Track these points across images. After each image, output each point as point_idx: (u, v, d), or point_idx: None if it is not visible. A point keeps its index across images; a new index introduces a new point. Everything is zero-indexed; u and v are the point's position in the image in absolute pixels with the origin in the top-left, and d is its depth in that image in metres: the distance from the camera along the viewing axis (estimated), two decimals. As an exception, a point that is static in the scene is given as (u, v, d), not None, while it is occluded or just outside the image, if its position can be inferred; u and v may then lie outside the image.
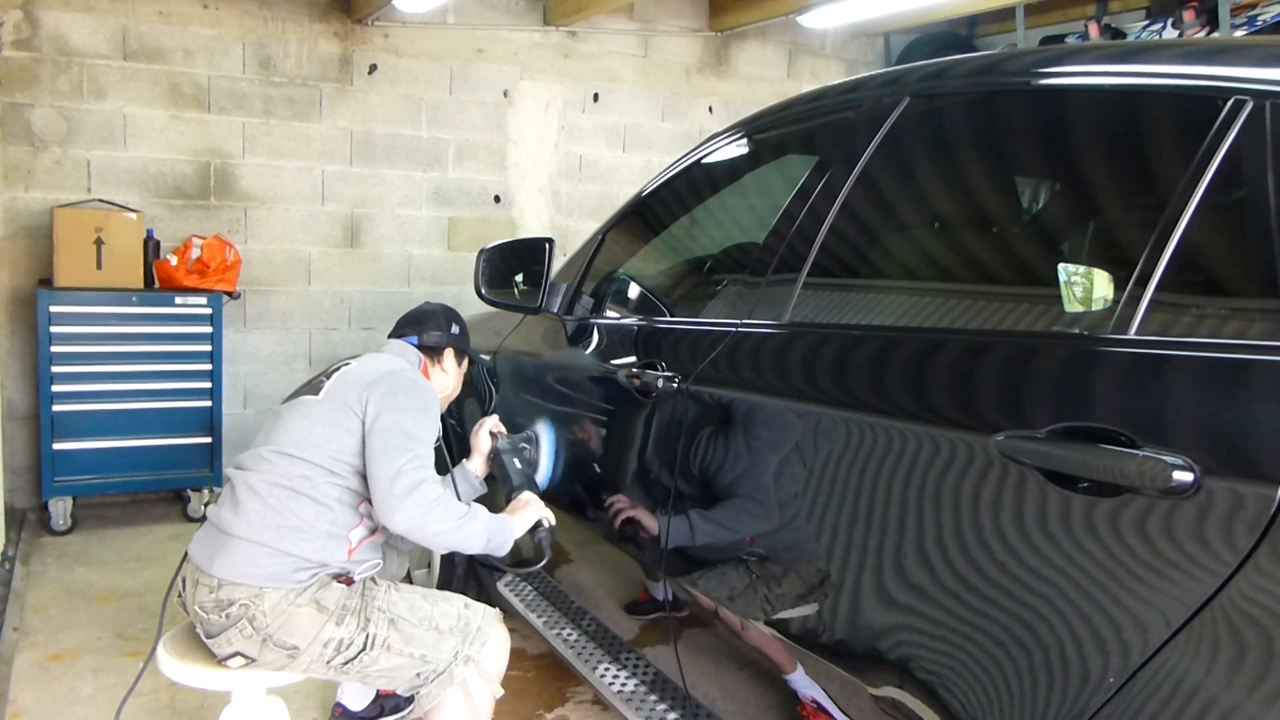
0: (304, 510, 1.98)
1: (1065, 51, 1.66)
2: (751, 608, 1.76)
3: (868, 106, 1.87)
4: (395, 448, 1.98)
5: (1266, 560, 0.99)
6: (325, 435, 2.03)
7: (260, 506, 1.98)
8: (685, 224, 2.70)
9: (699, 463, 1.91)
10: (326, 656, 1.99)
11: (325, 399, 2.08)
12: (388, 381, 2.10)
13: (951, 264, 1.86)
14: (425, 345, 2.37)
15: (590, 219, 5.47)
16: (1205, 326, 1.22)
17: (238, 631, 1.96)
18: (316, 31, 4.80)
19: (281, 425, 2.09)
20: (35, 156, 4.33)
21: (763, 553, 1.75)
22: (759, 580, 1.75)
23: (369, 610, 2.01)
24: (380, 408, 2.03)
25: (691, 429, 1.94)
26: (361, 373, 2.13)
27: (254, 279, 4.80)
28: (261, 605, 1.94)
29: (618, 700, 2.15)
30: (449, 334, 2.42)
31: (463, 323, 2.49)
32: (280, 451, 2.03)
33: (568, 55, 5.45)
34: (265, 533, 1.96)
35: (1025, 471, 1.23)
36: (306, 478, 2.00)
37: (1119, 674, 1.10)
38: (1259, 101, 1.19)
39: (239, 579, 1.95)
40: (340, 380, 2.12)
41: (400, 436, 2.00)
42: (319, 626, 1.96)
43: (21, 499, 4.44)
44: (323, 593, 1.99)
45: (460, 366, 2.48)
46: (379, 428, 2.00)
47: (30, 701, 2.75)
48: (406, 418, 2.03)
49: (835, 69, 6.25)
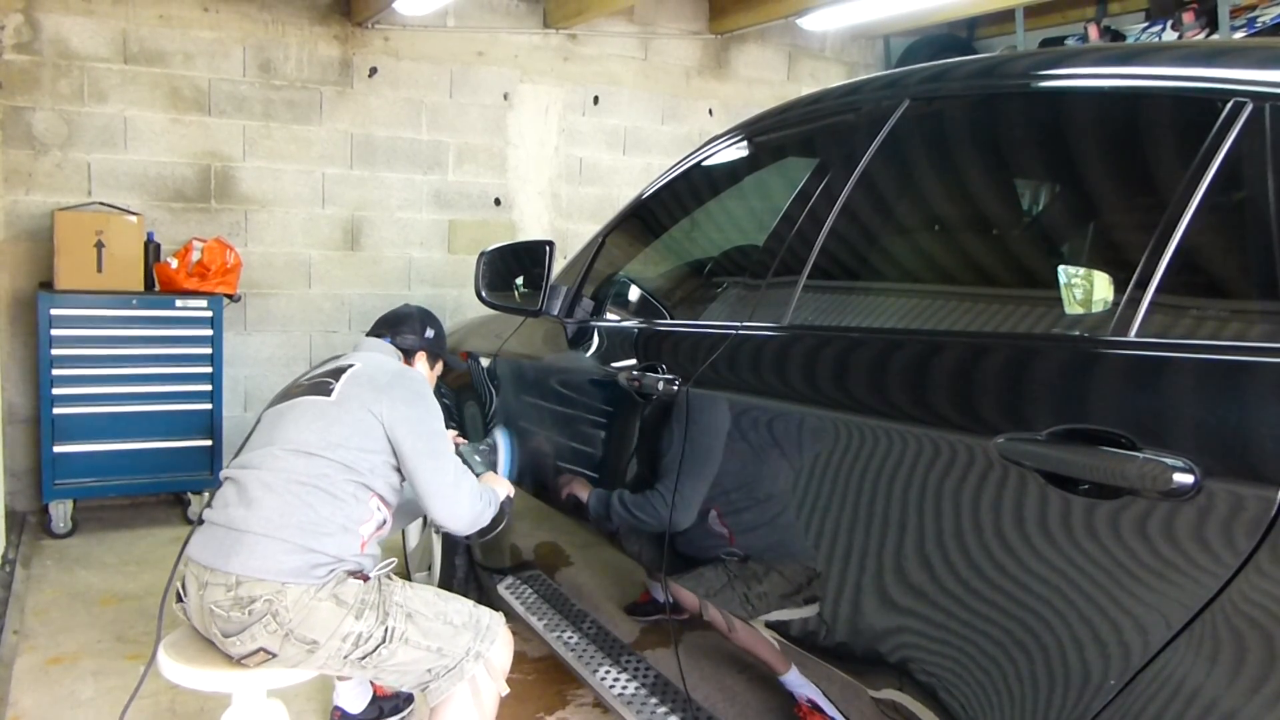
0: (322, 506, 2.03)
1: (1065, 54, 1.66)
2: (752, 610, 1.76)
3: (867, 109, 1.87)
4: (436, 451, 2.16)
5: (1267, 562, 0.99)
6: (346, 435, 2.09)
7: (278, 503, 2.01)
8: (685, 227, 2.70)
9: (699, 465, 1.91)
10: (345, 651, 2.00)
11: (341, 400, 2.13)
12: (401, 385, 2.19)
13: (952, 266, 1.86)
14: (399, 347, 2.45)
15: (590, 222, 5.47)
16: (1205, 328, 1.22)
17: (261, 627, 1.97)
18: (317, 35, 4.80)
19: (291, 424, 2.12)
20: (36, 160, 4.33)
21: (764, 555, 1.74)
22: (760, 582, 1.75)
23: (388, 604, 2.05)
24: (404, 413, 2.14)
25: (692, 431, 1.94)
26: (371, 375, 2.19)
27: (254, 282, 4.80)
28: (284, 600, 1.96)
29: (618, 703, 2.15)
30: (422, 337, 2.52)
31: (439, 326, 2.59)
32: (297, 450, 2.07)
33: (568, 58, 5.45)
34: (285, 529, 1.99)
35: (1025, 474, 1.23)
36: (326, 475, 2.05)
37: (1119, 676, 1.10)
38: (1259, 104, 1.19)
39: (261, 574, 1.96)
40: (352, 382, 2.17)
41: (435, 439, 2.17)
42: (339, 620, 1.98)
43: (22, 502, 4.44)
44: (340, 588, 2.02)
45: (433, 369, 2.57)
46: (417, 434, 2.14)
47: (30, 705, 2.75)
48: (431, 418, 2.19)
49: (835, 71, 6.26)
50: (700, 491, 1.91)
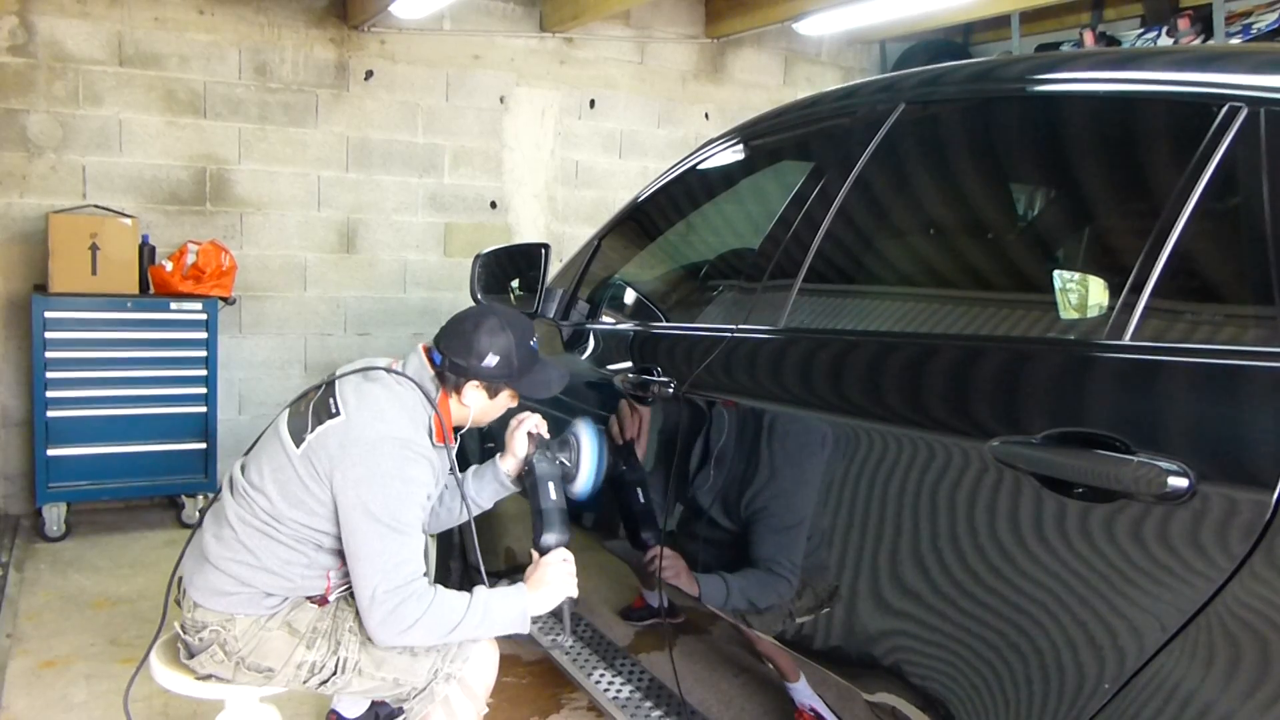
0: (277, 552, 1.92)
1: (1060, 58, 1.67)
2: (748, 613, 1.76)
3: (863, 113, 1.87)
4: (367, 555, 1.83)
5: (1262, 566, 0.99)
6: (296, 497, 1.90)
7: (234, 540, 1.93)
8: (681, 230, 2.70)
9: (695, 468, 1.91)
10: (302, 678, 1.97)
11: (302, 458, 1.90)
12: (362, 463, 1.85)
13: (947, 270, 1.87)
14: (440, 371, 2.01)
15: (586, 225, 5.47)
16: (1200, 332, 1.22)
17: (209, 656, 1.95)
18: (312, 38, 4.80)
19: (263, 459, 1.96)
20: (30, 162, 4.32)
21: (759, 558, 1.74)
22: (755, 585, 1.74)
23: (339, 633, 1.96)
24: (350, 496, 1.84)
25: (687, 434, 1.93)
26: (341, 440, 1.87)
27: (249, 284, 4.79)
28: (233, 630, 1.93)
29: (613, 707, 2.14)
30: (480, 364, 1.98)
31: (512, 347, 2.00)
32: (252, 491, 1.94)
33: (564, 62, 5.46)
34: (235, 566, 1.92)
35: (1020, 477, 1.23)
36: (275, 528, 1.92)
37: (1114, 680, 1.10)
38: (1253, 108, 1.19)
39: (209, 604, 1.93)
40: (320, 441, 1.89)
41: (372, 539, 1.83)
42: (290, 649, 1.94)
43: (15, 505, 4.42)
44: (295, 614, 1.97)
45: (494, 398, 2.06)
46: (351, 524, 1.85)
47: (23, 708, 2.74)
48: (379, 508, 1.83)
49: (831, 76, 6.27)
50: (695, 495, 1.91)
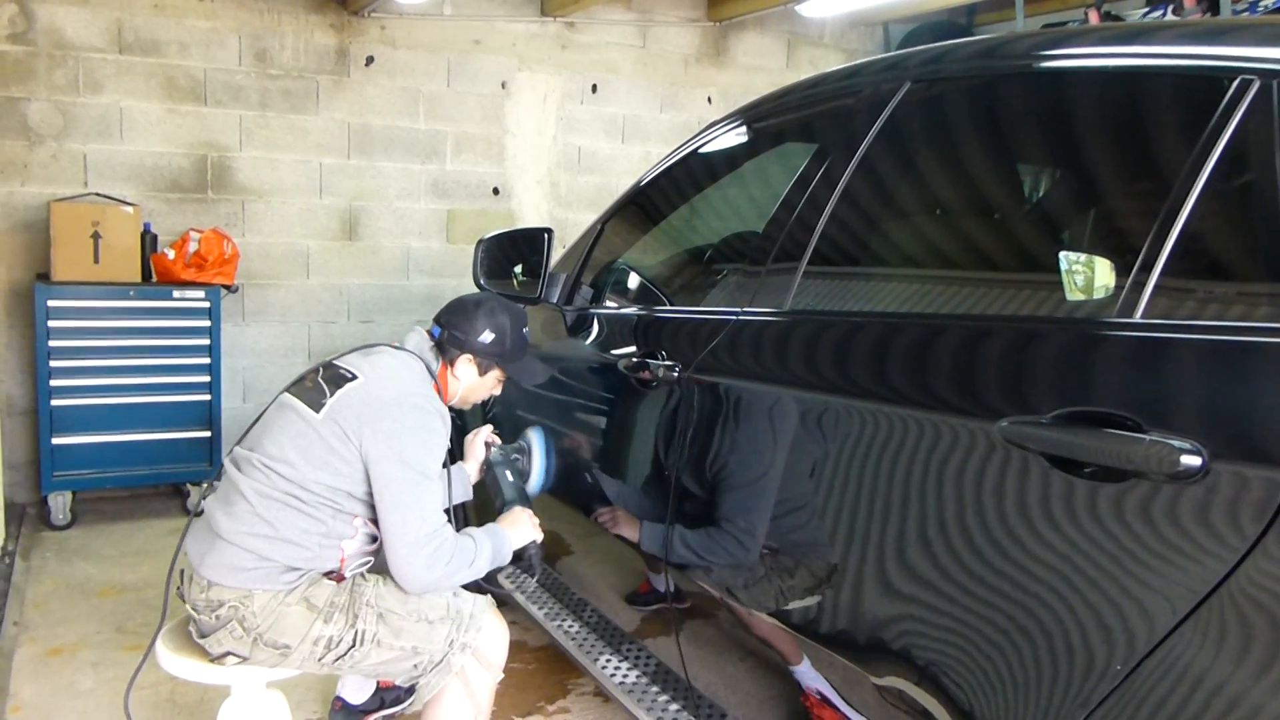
0: (296, 522, 1.96)
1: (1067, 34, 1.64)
2: (755, 597, 1.75)
3: (868, 92, 1.85)
4: (405, 503, 1.95)
5: (1275, 546, 0.98)
6: (322, 459, 1.97)
7: (250, 514, 1.95)
8: (684, 213, 2.68)
9: (700, 452, 1.90)
10: (318, 654, 1.98)
11: (325, 421, 1.98)
12: (392, 415, 1.98)
13: (954, 250, 1.85)
14: (439, 344, 2.20)
15: (589, 210, 5.44)
16: (1212, 310, 1.20)
17: (228, 633, 1.95)
18: (313, 24, 4.77)
19: (277, 432, 2.02)
20: (31, 150, 4.30)
21: (766, 541, 1.73)
22: (763, 569, 1.74)
23: (356, 606, 1.99)
24: (384, 450, 1.95)
25: (692, 418, 1.92)
26: (364, 399, 2.00)
27: (252, 272, 4.78)
28: (251, 606, 1.93)
29: (619, 692, 2.14)
30: (475, 340, 2.19)
31: (507, 330, 2.22)
32: (272, 463, 1.97)
33: (565, 46, 5.42)
34: (254, 540, 1.94)
35: (1029, 457, 1.22)
36: (297, 496, 1.96)
37: (1125, 661, 1.09)
38: (1266, 81, 1.17)
39: (227, 581, 1.94)
40: (342, 403, 2.00)
41: (408, 488, 1.96)
42: (308, 625, 1.95)
43: (21, 494, 4.43)
44: (312, 590, 1.98)
45: (483, 375, 2.24)
46: (386, 476, 1.95)
47: (30, 695, 2.74)
48: (413, 461, 1.97)
49: (834, 59, 6.23)
50: (701, 479, 1.90)
